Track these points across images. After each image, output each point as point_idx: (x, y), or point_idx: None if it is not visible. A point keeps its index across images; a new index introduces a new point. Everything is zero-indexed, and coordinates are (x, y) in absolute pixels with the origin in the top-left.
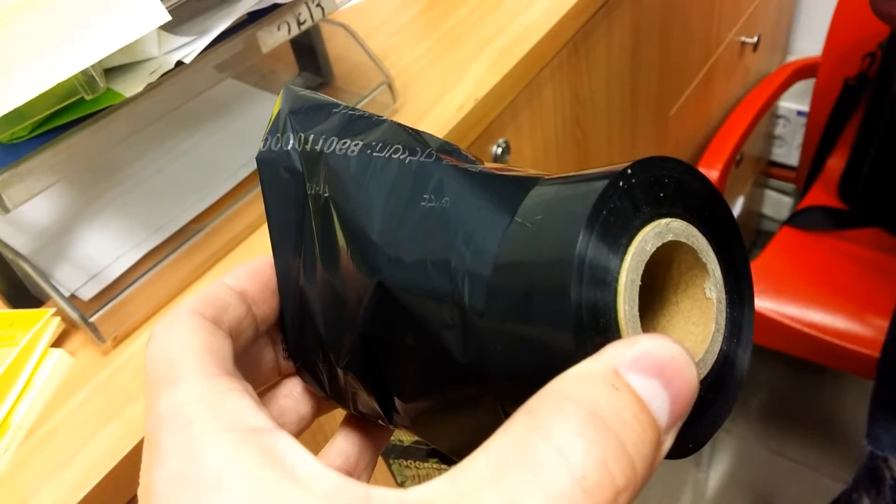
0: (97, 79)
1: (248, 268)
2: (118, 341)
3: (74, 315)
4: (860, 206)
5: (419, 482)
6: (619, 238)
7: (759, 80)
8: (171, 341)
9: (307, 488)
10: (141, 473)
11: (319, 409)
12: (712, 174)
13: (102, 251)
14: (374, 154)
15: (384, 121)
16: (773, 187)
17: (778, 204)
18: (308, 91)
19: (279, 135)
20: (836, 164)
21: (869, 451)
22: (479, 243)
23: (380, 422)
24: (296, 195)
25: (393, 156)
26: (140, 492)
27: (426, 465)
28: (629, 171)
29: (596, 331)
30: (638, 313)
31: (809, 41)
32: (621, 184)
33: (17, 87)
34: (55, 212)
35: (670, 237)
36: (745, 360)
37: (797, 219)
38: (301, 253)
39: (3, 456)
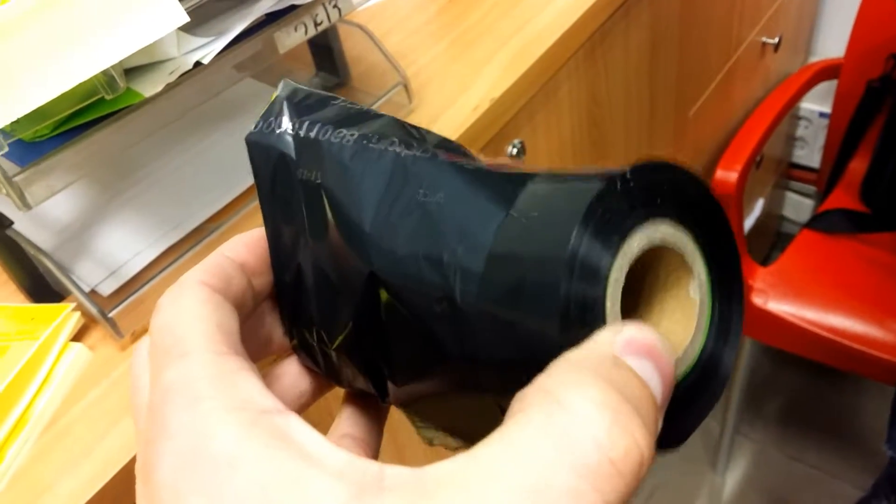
0: (117, 79)
1: (244, 240)
2: (136, 336)
3: (94, 310)
4: (882, 210)
5: (444, 441)
6: (611, 237)
7: (780, 81)
8: (180, 312)
9: (320, 467)
10: (141, 446)
11: (319, 389)
12: (731, 175)
13: (121, 248)
14: (370, 145)
15: (382, 116)
16: (795, 189)
17: (799, 206)
18: (307, 87)
19: (272, 118)
20: (858, 166)
21: (889, 457)
22: (472, 239)
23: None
24: (287, 178)
25: (389, 148)
26: (140, 465)
27: None
28: (628, 175)
29: (582, 324)
30: (620, 311)
31: (832, 42)
32: (619, 186)
33: (39, 87)
34: (76, 209)
35: (659, 239)
36: (730, 360)
37: (818, 221)
38: (293, 236)
39: (23, 447)
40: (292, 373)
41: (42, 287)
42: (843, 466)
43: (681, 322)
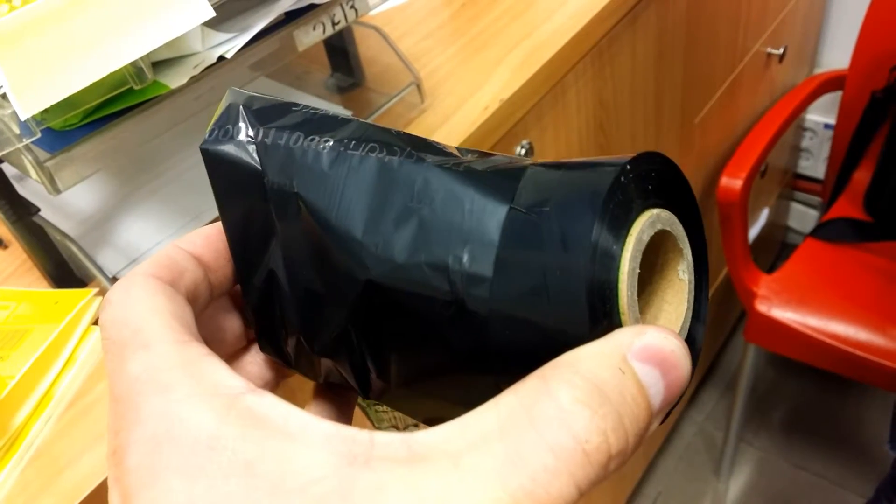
0: (146, 70)
1: (202, 234)
2: None
3: None
4: (885, 219)
5: (395, 423)
6: (620, 229)
7: (785, 91)
8: (133, 306)
9: (304, 440)
10: (111, 437)
11: (282, 374)
12: (736, 182)
13: (142, 237)
14: (349, 151)
15: (350, 119)
16: (799, 200)
17: (803, 217)
18: (258, 93)
19: (229, 126)
20: (861, 176)
21: (893, 460)
22: (476, 243)
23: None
24: (250, 186)
25: (370, 154)
26: (111, 453)
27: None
28: (628, 166)
29: (603, 315)
30: (637, 299)
31: (837, 53)
32: (622, 179)
33: (73, 75)
34: (98, 199)
35: (659, 226)
36: (702, 336)
37: (822, 230)
38: (260, 242)
39: (47, 424)
40: (260, 361)
41: (65, 273)
42: (847, 474)
43: (672, 302)
